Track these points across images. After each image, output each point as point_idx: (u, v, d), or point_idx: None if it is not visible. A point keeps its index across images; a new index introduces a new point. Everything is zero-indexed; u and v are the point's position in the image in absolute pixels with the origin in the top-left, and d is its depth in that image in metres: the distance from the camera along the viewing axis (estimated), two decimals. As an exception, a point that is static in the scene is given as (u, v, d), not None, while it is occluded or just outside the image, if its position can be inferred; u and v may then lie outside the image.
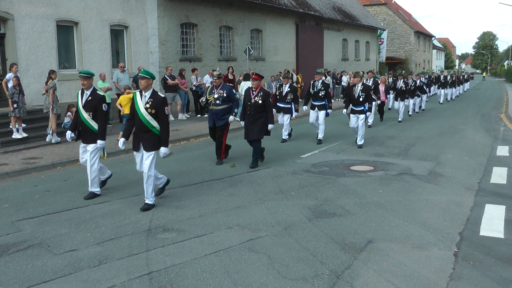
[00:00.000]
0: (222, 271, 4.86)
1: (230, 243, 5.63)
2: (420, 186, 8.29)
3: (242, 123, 11.55)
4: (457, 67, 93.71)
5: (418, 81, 20.98)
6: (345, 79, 27.57)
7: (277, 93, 13.41)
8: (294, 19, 28.22)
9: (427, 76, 27.71)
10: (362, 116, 12.27)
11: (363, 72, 29.21)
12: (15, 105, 12.01)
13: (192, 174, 9.36)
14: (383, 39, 45.46)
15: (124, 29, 17.72)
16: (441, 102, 27.84)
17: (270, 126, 10.07)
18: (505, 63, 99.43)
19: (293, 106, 13.13)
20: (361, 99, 12.18)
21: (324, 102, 12.94)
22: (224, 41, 23.00)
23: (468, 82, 43.78)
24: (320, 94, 12.87)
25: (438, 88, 28.74)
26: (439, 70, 33.91)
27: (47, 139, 12.62)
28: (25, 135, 12.45)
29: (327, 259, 5.12)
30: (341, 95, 26.31)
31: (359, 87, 12.28)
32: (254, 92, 10.09)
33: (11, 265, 5.09)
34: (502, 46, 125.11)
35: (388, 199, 7.41)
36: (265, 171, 9.56)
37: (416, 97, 20.62)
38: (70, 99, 15.21)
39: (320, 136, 13.16)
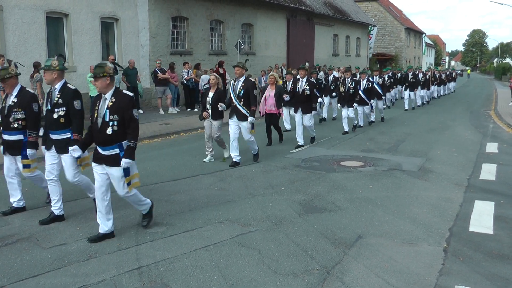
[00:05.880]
0: (212, 265, 4.85)
1: (220, 237, 5.61)
2: (410, 182, 8.32)
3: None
4: (446, 65, 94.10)
5: (364, 81, 14.73)
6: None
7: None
8: (285, 13, 28.16)
9: (390, 74, 21.62)
10: None
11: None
12: None
13: (182, 168, 9.31)
14: (371, 34, 45.55)
15: (115, 22, 17.56)
16: (406, 108, 21.68)
17: None
18: (495, 61, 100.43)
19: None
20: None
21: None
22: (215, 35, 22.91)
23: (454, 82, 36.60)
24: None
25: (406, 89, 22.41)
26: (408, 66, 28.37)
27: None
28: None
29: (317, 254, 5.13)
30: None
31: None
32: None
33: (-1, 259, 5.04)
34: (491, 44, 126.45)
35: (378, 195, 7.44)
36: (255, 165, 9.54)
37: (361, 105, 14.46)
38: (59, 92, 15.05)
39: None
